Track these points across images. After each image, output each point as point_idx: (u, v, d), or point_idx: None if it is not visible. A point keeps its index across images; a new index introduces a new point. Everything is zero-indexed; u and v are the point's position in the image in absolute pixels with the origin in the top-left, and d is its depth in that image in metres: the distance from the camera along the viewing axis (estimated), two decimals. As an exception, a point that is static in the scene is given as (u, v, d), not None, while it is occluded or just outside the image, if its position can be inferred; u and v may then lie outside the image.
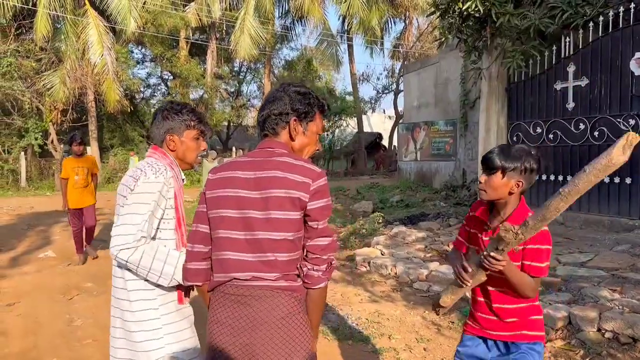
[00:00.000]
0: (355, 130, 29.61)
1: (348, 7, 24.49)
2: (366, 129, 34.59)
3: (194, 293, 2.33)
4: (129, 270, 2.20)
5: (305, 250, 1.99)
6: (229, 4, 24.04)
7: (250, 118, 35.26)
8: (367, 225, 9.33)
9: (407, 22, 31.36)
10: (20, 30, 20.85)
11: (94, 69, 20.17)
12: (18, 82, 20.06)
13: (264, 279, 1.91)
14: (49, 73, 20.22)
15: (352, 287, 6.21)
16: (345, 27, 27.72)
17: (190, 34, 24.99)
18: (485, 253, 2.09)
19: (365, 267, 7.07)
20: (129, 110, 23.68)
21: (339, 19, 28.44)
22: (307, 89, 2.17)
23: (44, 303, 5.73)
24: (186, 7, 22.87)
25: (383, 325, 4.91)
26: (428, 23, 30.50)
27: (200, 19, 22.84)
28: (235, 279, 1.93)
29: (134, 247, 2.08)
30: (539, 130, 8.99)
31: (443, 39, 9.14)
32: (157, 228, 2.27)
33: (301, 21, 27.70)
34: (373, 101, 37.59)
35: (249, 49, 22.93)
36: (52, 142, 21.45)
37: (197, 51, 26.75)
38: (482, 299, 2.46)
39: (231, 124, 31.97)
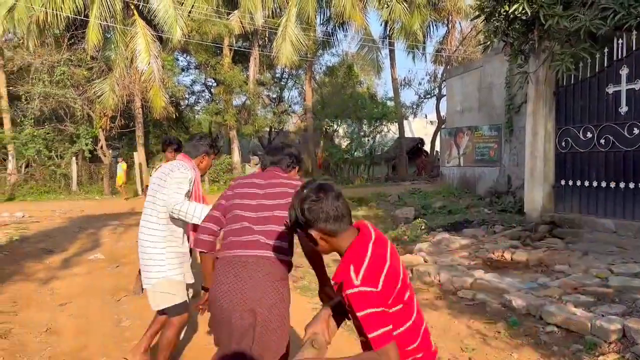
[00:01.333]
0: (397, 135, 29.37)
1: (390, 13, 24.38)
2: (407, 134, 34.27)
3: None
4: (156, 228, 3.80)
5: None
6: (272, 11, 24.30)
7: (292, 124, 35.52)
8: (410, 231, 9.24)
9: (449, 26, 30.94)
10: (72, 40, 21.70)
11: (141, 76, 20.77)
12: (70, 90, 20.89)
13: (265, 253, 2.73)
14: (99, 81, 20.94)
15: (395, 294, 6.15)
16: (387, 32, 27.59)
17: (234, 42, 25.37)
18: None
19: (408, 274, 6.98)
20: (174, 117, 24.25)
21: (380, 24, 28.35)
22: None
23: (94, 304, 5.91)
24: (230, 15, 23.25)
25: (427, 333, 4.83)
26: (471, 27, 30.04)
27: (243, 26, 23.17)
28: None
29: (182, 203, 3.56)
30: (589, 135, 8.69)
31: (488, 43, 8.97)
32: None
33: (342, 27, 27.73)
34: (415, 106, 37.20)
35: (291, 56, 23.11)
36: (101, 147, 22.20)
37: (240, 58, 27.15)
38: None
39: (273, 129, 32.27)
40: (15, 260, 8.22)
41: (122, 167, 19.40)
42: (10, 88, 20.94)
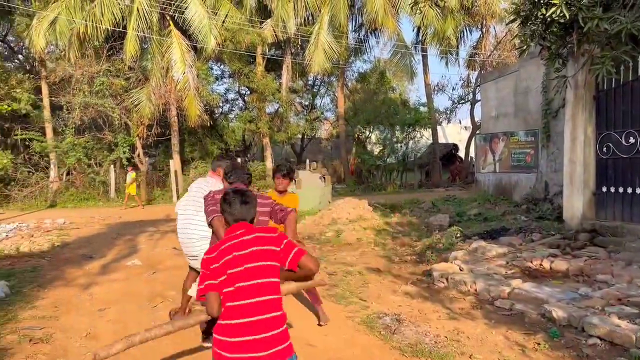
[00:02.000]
0: (430, 141, 29.08)
1: (422, 18, 24.21)
2: (441, 139, 33.88)
3: None
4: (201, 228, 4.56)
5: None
6: (304, 19, 24.46)
7: (324, 131, 35.58)
8: (444, 239, 9.11)
9: (483, 30, 30.51)
10: (111, 52, 22.32)
11: (176, 85, 21.19)
12: (109, 99, 21.47)
13: None
14: (136, 90, 21.46)
15: (430, 303, 6.06)
16: (420, 38, 27.41)
17: (266, 50, 25.62)
18: None
19: (443, 282, 6.88)
20: (208, 125, 24.61)
21: (413, 30, 28.26)
22: None
23: (131, 309, 6.02)
24: (263, 24, 23.52)
25: (463, 343, 4.74)
26: (506, 31, 29.55)
27: (276, 34, 23.40)
28: None
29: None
30: (632, 140, 8.41)
31: (524, 47, 8.79)
32: None
33: (374, 33, 27.70)
34: (448, 112, 36.80)
35: (323, 63, 23.21)
36: (138, 155, 22.72)
37: (273, 66, 27.39)
38: None
39: (305, 136, 32.40)
40: (57, 266, 8.46)
41: (131, 176, 19.34)
42: (53, 99, 21.67)
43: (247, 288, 2.54)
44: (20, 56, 26.40)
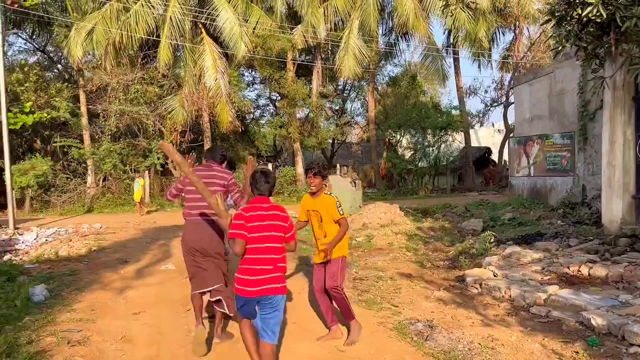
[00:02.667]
0: (462, 144, 28.72)
1: (454, 21, 23.98)
2: (474, 143, 33.43)
3: None
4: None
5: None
6: (334, 24, 24.53)
7: (354, 135, 35.55)
8: (478, 244, 8.96)
9: (517, 31, 30.03)
10: (145, 60, 22.83)
11: (209, 92, 21.51)
12: (143, 106, 21.95)
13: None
14: (169, 97, 21.90)
15: (463, 309, 5.96)
16: (451, 41, 27.14)
17: (297, 56, 25.81)
18: None
19: (477, 288, 6.76)
20: (240, 130, 24.91)
21: (444, 32, 28.00)
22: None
23: (165, 313, 6.11)
24: (293, 30, 23.71)
25: (498, 351, 4.65)
26: (540, 32, 29.00)
27: (306, 40, 23.55)
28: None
29: None
30: (673, 142, 8.12)
31: (559, 48, 8.59)
32: None
33: (405, 37, 27.58)
34: (481, 115, 36.33)
35: (353, 68, 23.22)
36: (171, 161, 23.09)
37: (303, 72, 27.56)
38: None
39: (335, 141, 32.43)
40: (94, 270, 8.67)
41: (139, 183, 19.27)
42: (90, 106, 22.29)
43: (261, 248, 3.80)
44: (59, 66, 27.27)
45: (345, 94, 33.29)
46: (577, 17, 7.74)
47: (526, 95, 16.63)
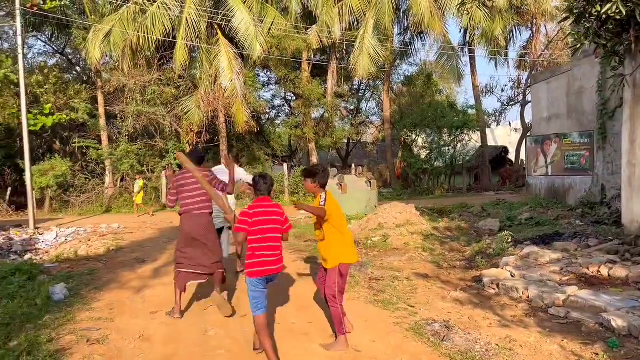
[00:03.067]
0: (479, 144, 28.49)
1: (470, 19, 23.80)
2: (490, 142, 33.15)
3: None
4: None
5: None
6: (349, 23, 24.50)
7: (370, 135, 35.46)
8: (495, 244, 8.88)
9: (534, 29, 29.72)
10: (162, 61, 23.05)
11: (224, 93, 21.63)
12: (160, 107, 22.15)
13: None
14: (186, 98, 22.06)
15: (480, 310, 5.92)
16: (467, 39, 26.94)
17: (312, 56, 25.83)
18: None
19: (494, 289, 6.70)
20: (255, 131, 24.99)
21: (460, 31, 27.79)
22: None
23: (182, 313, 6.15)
24: (308, 30, 23.73)
25: (516, 352, 4.60)
26: (558, 30, 28.65)
27: (321, 40, 23.55)
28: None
29: None
30: (696, 140, 7.97)
31: (578, 45, 8.48)
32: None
33: (420, 36, 27.45)
34: (497, 114, 36.00)
35: (368, 67, 23.15)
36: (188, 161, 23.27)
37: (318, 72, 27.56)
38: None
39: (351, 141, 32.39)
40: (112, 269, 8.77)
41: (139, 184, 19.30)
42: (108, 108, 22.57)
43: (264, 238, 4.53)
44: (77, 68, 27.64)
45: (360, 94, 33.24)
46: (596, 14, 7.64)
47: (544, 93, 16.46)
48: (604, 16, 7.51)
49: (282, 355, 4.66)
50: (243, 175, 7.87)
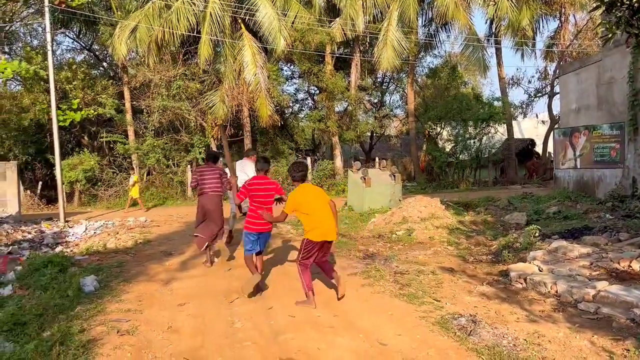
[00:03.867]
0: (505, 136, 28.06)
1: (496, 9, 23.42)
2: (517, 135, 32.63)
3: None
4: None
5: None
6: (373, 16, 24.32)
7: (393, 128, 35.23)
8: (522, 238, 8.77)
9: (562, 19, 29.08)
10: (187, 56, 23.25)
11: (248, 87, 21.72)
12: (185, 102, 22.36)
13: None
14: (210, 93, 22.22)
15: (507, 304, 5.85)
16: (493, 30, 26.51)
17: (335, 49, 25.72)
18: None
19: (521, 283, 6.62)
20: (279, 125, 25.05)
21: (485, 22, 27.35)
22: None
23: (209, 305, 6.24)
24: (331, 23, 23.63)
25: (544, 347, 4.55)
26: (587, 19, 27.98)
27: (344, 33, 23.42)
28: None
29: None
30: None
31: (609, 35, 8.26)
32: None
33: (445, 27, 27.08)
34: (524, 105, 35.41)
35: (392, 60, 22.96)
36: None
37: (342, 65, 27.44)
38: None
39: (374, 134, 32.23)
40: (140, 262, 8.93)
41: (133, 179, 19.17)
42: (134, 103, 22.89)
43: (260, 201, 6.41)
44: (104, 64, 28.07)
45: (384, 87, 33.01)
46: (628, 2, 7.44)
47: (572, 84, 16.13)
48: (636, 5, 7.30)
49: (308, 349, 4.70)
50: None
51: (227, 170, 8.54)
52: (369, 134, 31.50)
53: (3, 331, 5.01)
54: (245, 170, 9.26)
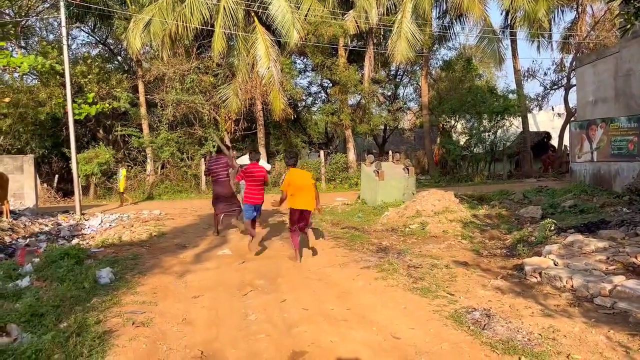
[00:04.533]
0: (520, 129, 27.79)
1: (511, 1, 23.14)
2: (532, 128, 32.30)
3: None
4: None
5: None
6: (386, 8, 24.15)
7: (407, 121, 35.05)
8: (537, 232, 8.69)
9: (579, 10, 28.64)
10: (200, 50, 23.32)
11: (261, 80, 21.74)
12: (199, 96, 22.44)
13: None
14: (224, 86, 22.28)
15: (522, 298, 5.81)
16: (508, 22, 26.20)
17: (349, 42, 25.61)
18: None
19: (536, 277, 6.56)
20: (292, 118, 25.04)
21: (501, 13, 27.06)
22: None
23: (223, 297, 6.27)
24: (345, 16, 23.51)
25: (559, 342, 4.51)
26: (605, 10, 27.52)
27: (358, 26, 23.30)
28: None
29: None
30: None
31: (627, 26, 8.12)
32: None
33: (460, 19, 26.81)
34: (540, 98, 34.98)
35: (406, 52, 22.80)
36: (227, 147, 23.56)
37: (355, 57, 27.33)
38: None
39: (388, 127, 32.10)
40: (155, 255, 9.00)
41: (122, 173, 19.03)
42: (148, 96, 23.03)
43: (252, 182, 9.02)
44: (119, 57, 28.25)
45: (397, 80, 32.82)
46: (647, -8, 7.29)
47: (589, 76, 15.90)
48: (656, -6, 7.16)
49: (321, 342, 4.71)
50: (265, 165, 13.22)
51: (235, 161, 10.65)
52: (382, 127, 31.38)
53: (21, 322, 5.08)
54: (244, 161, 12.00)
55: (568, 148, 23.07)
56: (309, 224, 8.31)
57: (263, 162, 12.36)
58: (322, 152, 24.69)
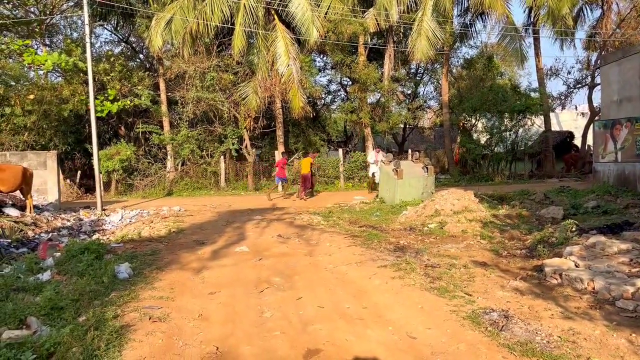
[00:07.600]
0: (542, 129, 27.35)
1: (535, -2, 22.79)
2: (554, 127, 31.78)
3: None
4: None
5: None
6: (407, 6, 23.95)
7: (427, 119, 34.78)
8: (558, 233, 8.55)
9: (604, 7, 28.03)
10: (220, 48, 23.42)
11: (281, 78, 21.75)
12: (219, 93, 22.57)
13: None
14: (243, 84, 22.35)
15: (541, 300, 5.71)
16: (531, 19, 25.79)
17: (369, 40, 25.46)
18: None
19: (556, 279, 6.45)
20: (311, 116, 25.00)
21: (524, 11, 26.63)
22: None
23: (239, 294, 6.30)
24: (365, 14, 23.39)
25: (579, 345, 4.42)
26: (631, 7, 26.94)
27: (378, 23, 23.15)
28: None
29: None
30: None
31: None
32: None
33: (481, 17, 26.47)
34: (563, 97, 34.38)
35: (426, 50, 22.60)
36: (246, 146, 23.68)
37: (375, 55, 27.16)
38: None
39: (407, 126, 31.88)
40: (173, 251, 9.08)
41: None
42: (169, 94, 23.24)
43: (282, 167, 18.75)
44: (141, 55, 28.55)
45: (417, 78, 32.54)
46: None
47: (614, 75, 15.58)
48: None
49: (336, 340, 4.69)
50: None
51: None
52: (402, 125, 31.16)
53: (41, 315, 5.17)
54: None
55: (591, 148, 22.66)
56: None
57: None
58: (340, 150, 24.61)
